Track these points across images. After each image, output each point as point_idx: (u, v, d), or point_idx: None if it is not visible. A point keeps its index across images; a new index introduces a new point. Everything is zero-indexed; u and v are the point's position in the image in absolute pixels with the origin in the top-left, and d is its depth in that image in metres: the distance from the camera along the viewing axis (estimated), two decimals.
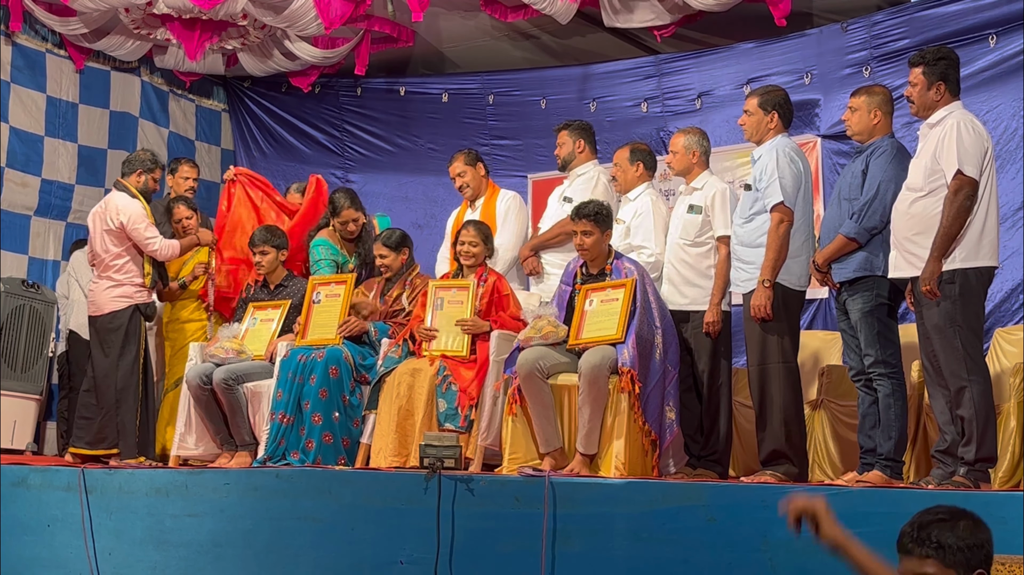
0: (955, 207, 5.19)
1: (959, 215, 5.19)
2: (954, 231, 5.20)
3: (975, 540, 2.93)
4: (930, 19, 7.91)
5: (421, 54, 10.33)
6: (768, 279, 5.88)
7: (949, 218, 5.19)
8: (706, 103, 8.99)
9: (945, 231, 5.19)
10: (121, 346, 7.43)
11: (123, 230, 7.46)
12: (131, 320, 7.46)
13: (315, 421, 6.65)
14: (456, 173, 7.51)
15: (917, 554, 2.94)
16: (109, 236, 7.50)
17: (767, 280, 5.88)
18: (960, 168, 5.19)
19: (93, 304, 7.54)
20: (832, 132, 8.28)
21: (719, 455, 6.47)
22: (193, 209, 8.12)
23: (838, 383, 7.08)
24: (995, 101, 7.50)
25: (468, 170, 7.47)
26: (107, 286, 7.48)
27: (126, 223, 7.44)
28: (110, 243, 7.50)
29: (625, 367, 5.90)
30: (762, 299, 5.88)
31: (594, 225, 6.27)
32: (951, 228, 5.19)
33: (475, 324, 6.59)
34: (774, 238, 5.90)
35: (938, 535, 2.92)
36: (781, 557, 4.72)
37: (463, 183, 7.48)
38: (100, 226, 7.54)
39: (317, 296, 7.09)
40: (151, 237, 7.49)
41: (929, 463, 6.10)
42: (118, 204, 7.52)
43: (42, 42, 9.45)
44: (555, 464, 5.98)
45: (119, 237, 7.49)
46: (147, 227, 7.49)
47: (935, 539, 2.92)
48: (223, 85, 10.95)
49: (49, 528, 6.28)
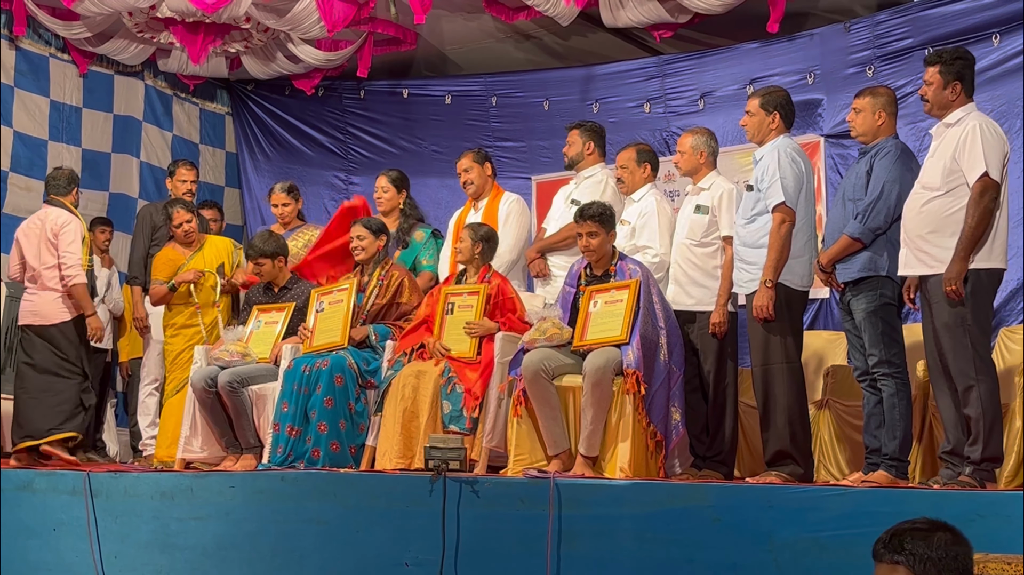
0: (981, 209, 5.19)
1: (984, 217, 5.20)
2: (979, 233, 5.20)
3: (949, 552, 2.90)
4: (933, 18, 7.90)
5: (424, 56, 10.33)
6: (770, 279, 5.88)
7: (975, 219, 5.19)
8: (709, 103, 8.98)
9: (971, 232, 5.19)
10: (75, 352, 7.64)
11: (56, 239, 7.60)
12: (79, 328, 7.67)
13: (321, 430, 6.65)
14: (463, 169, 7.58)
15: (887, 560, 2.94)
16: (49, 248, 7.61)
17: (769, 280, 5.88)
18: (987, 170, 5.19)
19: (37, 315, 7.65)
20: (835, 132, 8.27)
21: (724, 456, 6.47)
22: (191, 211, 8.13)
23: (843, 383, 7.09)
24: (998, 100, 7.50)
25: (475, 167, 7.54)
26: (54, 297, 7.62)
27: (60, 234, 7.57)
28: (49, 255, 7.61)
29: (630, 368, 5.90)
30: (764, 299, 5.88)
31: (599, 226, 6.27)
32: (977, 229, 5.20)
33: (482, 326, 6.60)
34: (776, 238, 5.90)
35: (910, 543, 2.91)
36: (787, 558, 4.72)
37: (467, 179, 7.55)
38: (37, 239, 7.66)
39: (320, 305, 7.10)
40: (73, 263, 7.57)
41: (934, 462, 6.10)
42: (58, 218, 7.64)
43: (46, 46, 9.47)
44: (563, 466, 5.98)
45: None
46: (78, 248, 7.62)
47: (907, 547, 2.91)
48: (227, 88, 10.96)
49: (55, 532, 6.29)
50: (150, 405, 8.40)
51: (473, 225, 6.97)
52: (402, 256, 7.73)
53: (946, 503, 4.60)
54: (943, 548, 2.90)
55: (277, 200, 8.36)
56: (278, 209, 8.37)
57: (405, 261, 7.68)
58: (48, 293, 7.61)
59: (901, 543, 2.92)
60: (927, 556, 2.89)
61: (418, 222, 7.94)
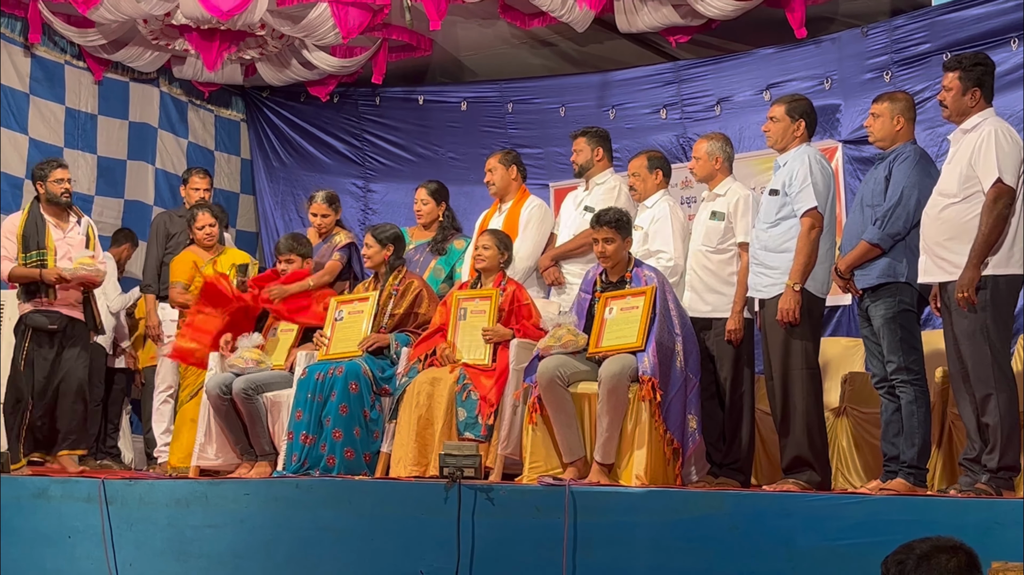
0: (994, 215, 5.16)
1: (997, 223, 5.17)
2: (993, 239, 5.18)
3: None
4: (951, 23, 7.87)
5: (439, 62, 10.34)
6: (798, 283, 5.88)
7: (988, 226, 5.17)
8: (725, 109, 8.96)
9: (984, 239, 5.17)
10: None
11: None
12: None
13: (336, 437, 6.66)
14: (488, 168, 7.61)
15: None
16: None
17: (797, 284, 5.87)
18: (1000, 176, 5.17)
19: None
20: (853, 138, 8.24)
21: (741, 463, 6.45)
22: (215, 216, 8.14)
23: (861, 390, 7.06)
24: (1017, 105, 7.47)
25: (499, 168, 7.56)
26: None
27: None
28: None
29: (646, 375, 5.88)
30: (791, 303, 5.87)
31: (615, 232, 6.27)
32: (990, 236, 5.17)
33: (497, 332, 6.60)
34: (804, 243, 5.90)
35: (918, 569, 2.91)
36: (804, 566, 4.71)
37: (490, 179, 7.58)
38: None
39: (340, 314, 7.10)
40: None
41: (954, 469, 6.08)
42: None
43: (61, 54, 9.50)
44: (579, 474, 5.97)
45: None
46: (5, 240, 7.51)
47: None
48: (242, 95, 10.98)
49: (70, 540, 6.30)
50: (164, 412, 8.40)
51: (497, 232, 6.97)
52: (440, 262, 7.74)
53: (964, 511, 4.59)
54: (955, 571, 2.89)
55: (317, 210, 8.10)
56: (317, 219, 8.09)
57: (444, 267, 7.70)
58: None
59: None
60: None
61: (456, 232, 7.94)
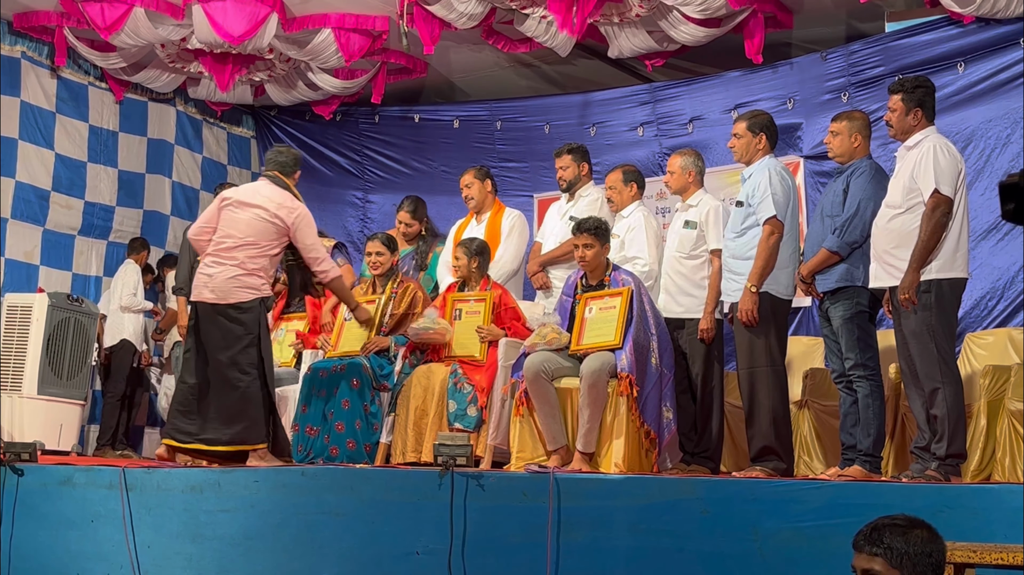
0: (932, 223, 5.20)
1: (936, 230, 5.21)
2: (931, 245, 5.21)
3: (925, 549, 2.89)
4: (903, 48, 7.92)
5: (433, 84, 10.37)
6: (755, 285, 5.88)
7: (927, 233, 5.20)
8: (697, 127, 8.99)
9: (923, 245, 5.20)
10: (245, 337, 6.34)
11: (287, 230, 6.38)
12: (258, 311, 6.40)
13: (339, 430, 6.70)
14: (465, 184, 7.61)
15: (866, 551, 2.93)
16: (262, 226, 6.35)
17: (754, 286, 5.88)
18: (937, 187, 5.20)
19: (217, 291, 6.29)
20: (814, 153, 8.27)
21: (711, 452, 6.47)
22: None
23: (821, 384, 7.09)
24: (964, 123, 7.51)
25: (476, 183, 7.57)
26: (232, 274, 6.29)
27: (295, 223, 6.38)
28: (260, 234, 6.34)
29: (624, 372, 5.91)
30: (749, 303, 5.88)
31: (594, 238, 6.28)
32: (928, 242, 5.21)
33: (491, 331, 6.65)
34: (763, 248, 5.90)
35: (889, 538, 2.90)
36: (770, 547, 4.72)
37: (468, 194, 7.58)
38: (251, 213, 6.35)
39: (349, 314, 7.10)
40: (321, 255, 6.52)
41: (906, 458, 6.11)
42: (289, 202, 6.41)
43: (85, 76, 9.51)
44: (562, 460, 5.99)
45: (278, 232, 6.38)
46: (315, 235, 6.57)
47: (885, 541, 2.90)
48: (251, 114, 10.99)
49: (93, 523, 6.28)
50: None
51: (465, 242, 6.99)
52: (428, 273, 7.77)
53: (914, 496, 4.60)
54: (919, 545, 2.89)
55: (403, 218, 7.87)
56: (401, 227, 7.84)
57: (432, 277, 7.73)
58: (228, 268, 6.31)
59: (880, 537, 2.91)
60: (904, 551, 2.88)
61: (436, 238, 7.93)
